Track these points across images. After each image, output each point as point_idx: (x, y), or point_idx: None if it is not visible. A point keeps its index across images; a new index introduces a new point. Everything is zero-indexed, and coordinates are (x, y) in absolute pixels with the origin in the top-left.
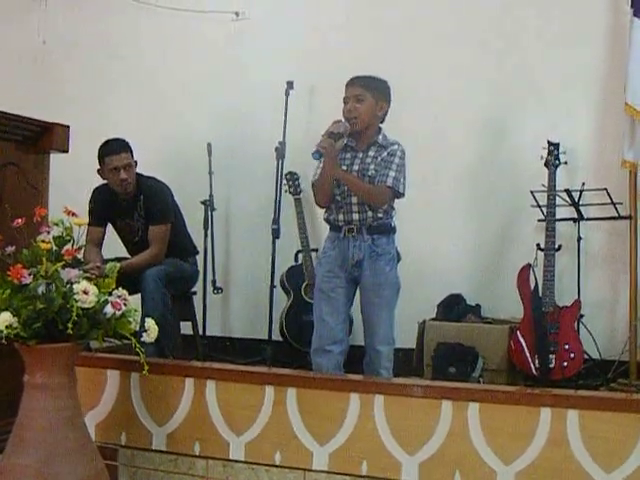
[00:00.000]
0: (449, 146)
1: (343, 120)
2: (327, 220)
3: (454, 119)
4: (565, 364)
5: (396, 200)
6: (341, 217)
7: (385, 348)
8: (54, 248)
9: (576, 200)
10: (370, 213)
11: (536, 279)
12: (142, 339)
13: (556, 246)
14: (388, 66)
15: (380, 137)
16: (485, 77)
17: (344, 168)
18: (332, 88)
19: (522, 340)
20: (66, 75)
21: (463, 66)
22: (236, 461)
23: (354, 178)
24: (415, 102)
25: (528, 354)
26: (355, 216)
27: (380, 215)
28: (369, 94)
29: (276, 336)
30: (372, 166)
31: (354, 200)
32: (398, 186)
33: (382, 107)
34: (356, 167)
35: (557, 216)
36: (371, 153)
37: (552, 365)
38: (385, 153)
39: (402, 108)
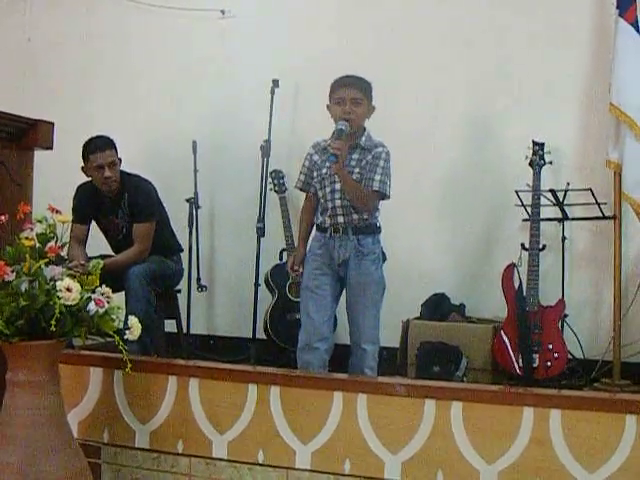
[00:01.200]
0: (434, 146)
1: (341, 121)
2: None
3: (439, 119)
4: (549, 364)
5: (387, 202)
6: (327, 220)
7: (371, 347)
8: (37, 245)
9: (561, 200)
10: (355, 215)
11: (520, 279)
12: (125, 337)
13: (540, 246)
14: (373, 65)
15: (363, 139)
16: (470, 77)
17: (324, 171)
18: (317, 87)
19: (506, 339)
20: (51, 73)
21: (448, 66)
22: (219, 459)
23: (352, 180)
24: (400, 102)
25: (512, 353)
26: (340, 219)
27: (365, 216)
28: (365, 98)
29: (260, 334)
30: (357, 169)
31: (338, 203)
32: (385, 189)
33: (372, 111)
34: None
35: (542, 216)
36: (355, 156)
37: (536, 365)
38: (370, 156)
39: (387, 108)
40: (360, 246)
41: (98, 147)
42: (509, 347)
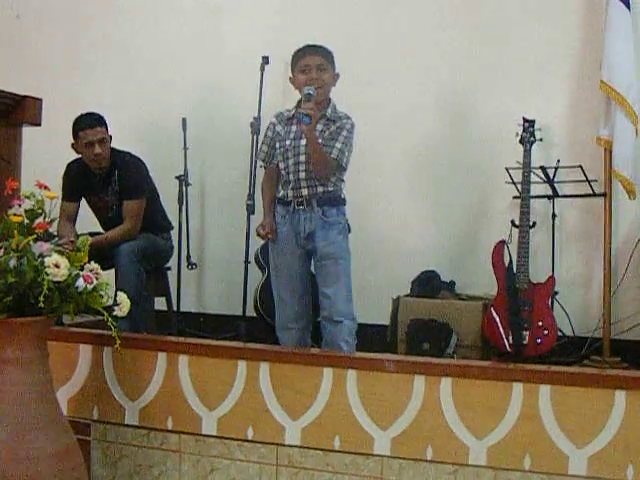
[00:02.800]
0: (422, 123)
1: (308, 86)
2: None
3: (426, 95)
4: (539, 341)
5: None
6: (290, 193)
7: (347, 322)
8: (26, 221)
9: (551, 177)
10: (320, 188)
11: (510, 256)
12: (114, 313)
13: (531, 223)
14: (362, 40)
15: (329, 110)
16: (458, 53)
17: (288, 143)
18: None
19: (496, 317)
20: (40, 49)
21: (435, 41)
22: (209, 436)
23: (318, 143)
24: (386, 77)
25: (502, 331)
26: (305, 191)
27: (330, 188)
28: (330, 64)
29: (250, 312)
30: (320, 140)
31: (302, 175)
32: (342, 159)
33: (336, 79)
34: (303, 141)
35: (532, 193)
36: (319, 127)
37: (525, 342)
38: (334, 127)
39: (373, 83)
40: (325, 217)
41: (88, 124)
42: (499, 324)
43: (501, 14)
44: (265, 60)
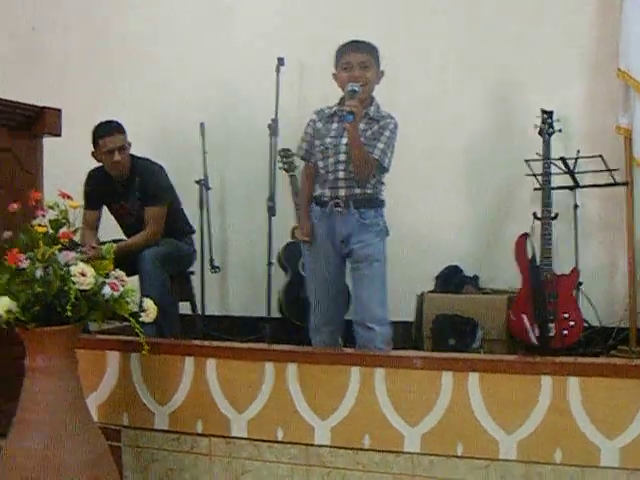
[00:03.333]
0: (443, 118)
1: (352, 83)
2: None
3: (447, 90)
4: (565, 332)
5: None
6: (328, 192)
7: (379, 329)
8: (50, 231)
9: (571, 168)
10: (358, 189)
11: (533, 248)
12: (141, 319)
13: (552, 214)
14: (380, 38)
15: (372, 109)
16: (477, 46)
17: (328, 141)
18: (323, 63)
19: (521, 310)
20: (56, 60)
21: (454, 35)
22: (239, 438)
23: (361, 142)
24: (409, 73)
25: (528, 323)
26: (342, 192)
27: (368, 190)
28: (374, 61)
29: (275, 313)
30: (361, 139)
31: (341, 175)
32: (384, 160)
33: (380, 76)
34: (344, 140)
35: (553, 184)
36: (361, 126)
37: (552, 334)
38: (376, 126)
39: (396, 79)
40: (362, 219)
41: (107, 132)
42: (525, 317)
43: (518, 6)
44: (280, 61)
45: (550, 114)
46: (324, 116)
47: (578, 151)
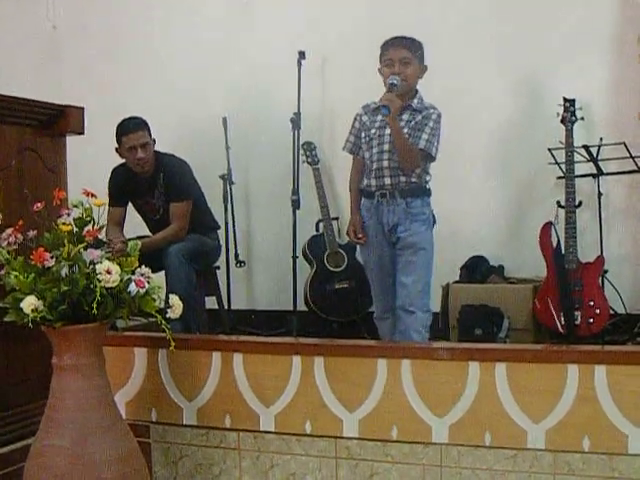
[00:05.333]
0: (465, 108)
1: (393, 75)
2: (361, 188)
3: (470, 79)
4: (591, 320)
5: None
6: (374, 182)
7: (420, 314)
8: (75, 230)
9: (595, 155)
10: (403, 178)
11: (558, 237)
12: (167, 315)
13: (576, 203)
14: (402, 29)
15: (415, 101)
16: (499, 34)
17: (373, 132)
18: (344, 55)
19: (547, 298)
20: (78, 58)
21: (477, 22)
22: (267, 432)
23: (403, 133)
24: (434, 63)
25: (553, 312)
26: (387, 180)
27: (414, 179)
28: (415, 57)
29: (301, 306)
30: (405, 130)
31: (385, 164)
32: (431, 149)
33: (423, 70)
34: (388, 130)
35: (576, 172)
36: (405, 117)
37: (578, 322)
38: (420, 117)
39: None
40: (409, 208)
41: (130, 129)
42: (550, 306)
43: None
44: (301, 55)
45: (572, 102)
46: (369, 110)
47: (601, 139)
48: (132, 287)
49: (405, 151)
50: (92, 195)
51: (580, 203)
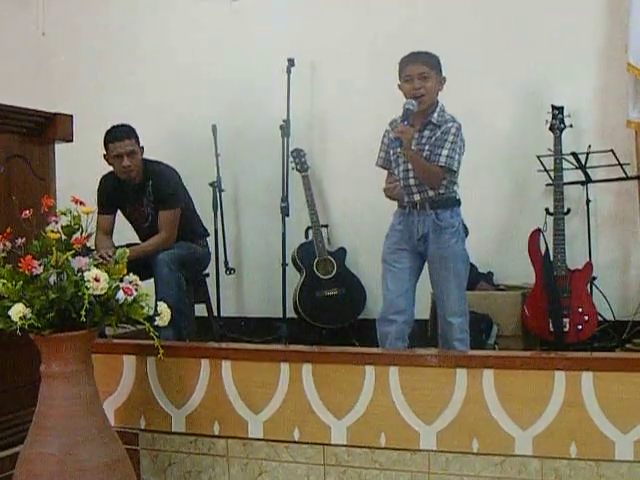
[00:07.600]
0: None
1: (409, 100)
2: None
3: (458, 89)
4: (579, 327)
5: None
6: (405, 198)
7: (457, 320)
8: (63, 237)
9: (583, 163)
10: (431, 192)
11: (546, 244)
12: (155, 323)
13: (565, 210)
14: (390, 42)
15: (436, 115)
16: (487, 44)
17: (399, 150)
18: (333, 63)
19: (535, 305)
20: (67, 65)
21: (465, 33)
22: (255, 439)
23: (420, 160)
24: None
25: (542, 319)
26: (416, 197)
27: (442, 191)
28: (433, 72)
29: (290, 313)
30: (427, 147)
31: (412, 182)
32: (452, 164)
33: (442, 82)
34: (413, 148)
35: (564, 180)
36: (426, 133)
37: (566, 329)
38: (439, 132)
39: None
40: (438, 220)
41: (117, 137)
42: (539, 312)
43: (527, 3)
44: (291, 62)
45: (561, 109)
46: (395, 126)
47: (589, 146)
48: (120, 295)
49: (426, 173)
50: (80, 203)
51: (569, 210)
